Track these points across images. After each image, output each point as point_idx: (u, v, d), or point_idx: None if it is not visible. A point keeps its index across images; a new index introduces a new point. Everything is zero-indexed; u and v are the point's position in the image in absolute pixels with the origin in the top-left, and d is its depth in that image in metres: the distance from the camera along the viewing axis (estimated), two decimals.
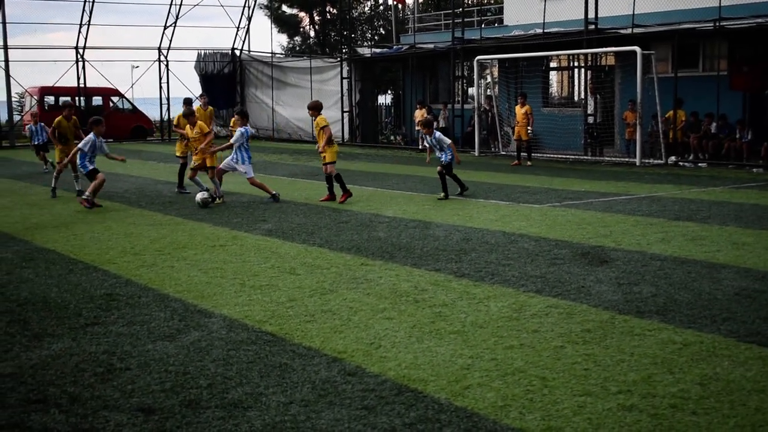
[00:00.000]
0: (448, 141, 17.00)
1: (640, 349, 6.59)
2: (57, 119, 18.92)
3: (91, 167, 16.19)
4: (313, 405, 5.57)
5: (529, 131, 24.71)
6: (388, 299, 8.40)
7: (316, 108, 16.71)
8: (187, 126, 17.77)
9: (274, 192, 16.65)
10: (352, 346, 6.83)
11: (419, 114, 31.63)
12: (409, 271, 9.76)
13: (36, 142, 25.14)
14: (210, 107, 22.41)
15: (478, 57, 28.91)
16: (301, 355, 6.63)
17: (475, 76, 29.80)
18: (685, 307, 7.85)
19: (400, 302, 8.28)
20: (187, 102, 19.01)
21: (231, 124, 19.98)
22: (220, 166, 16.65)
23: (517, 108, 24.97)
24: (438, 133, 17.11)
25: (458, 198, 16.55)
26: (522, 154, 24.94)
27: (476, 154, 28.75)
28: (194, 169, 17.01)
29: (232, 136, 16.89)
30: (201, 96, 23.94)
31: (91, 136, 16.05)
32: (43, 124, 25.75)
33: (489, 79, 32.04)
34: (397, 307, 8.07)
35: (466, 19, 33.04)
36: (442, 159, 16.86)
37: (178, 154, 18.86)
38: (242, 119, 16.67)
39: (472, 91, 34.65)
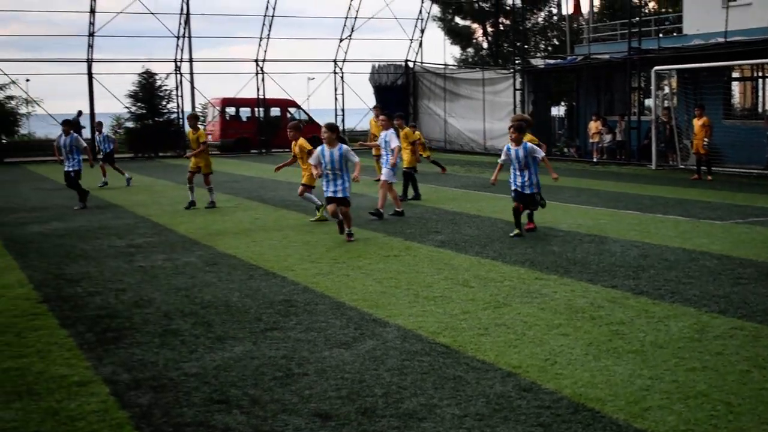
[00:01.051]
0: (542, 154, 13.36)
1: None
2: (188, 131, 19.91)
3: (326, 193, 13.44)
4: (488, 419, 5.54)
5: (705, 143, 23.76)
6: (563, 315, 8.27)
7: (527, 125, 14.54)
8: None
9: (397, 209, 16.08)
10: (526, 362, 6.75)
11: (594, 126, 31.11)
12: (585, 286, 9.56)
13: (105, 151, 25.65)
14: (401, 124, 19.94)
15: (656, 67, 28.07)
16: (475, 369, 6.60)
17: (653, 87, 28.98)
18: None
19: (575, 318, 8.12)
20: (295, 127, 17.33)
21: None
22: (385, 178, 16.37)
23: (695, 120, 24.10)
24: (530, 144, 13.27)
25: (631, 212, 16.09)
26: (702, 168, 24.03)
27: (653, 167, 27.93)
28: (304, 185, 15.80)
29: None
30: (375, 107, 23.46)
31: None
32: (107, 134, 26.51)
33: (667, 90, 31.08)
34: (572, 324, 7.92)
35: (643, 29, 32.17)
36: (522, 188, 13.19)
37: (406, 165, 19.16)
38: (388, 122, 17.02)
39: (649, 102, 33.73)
